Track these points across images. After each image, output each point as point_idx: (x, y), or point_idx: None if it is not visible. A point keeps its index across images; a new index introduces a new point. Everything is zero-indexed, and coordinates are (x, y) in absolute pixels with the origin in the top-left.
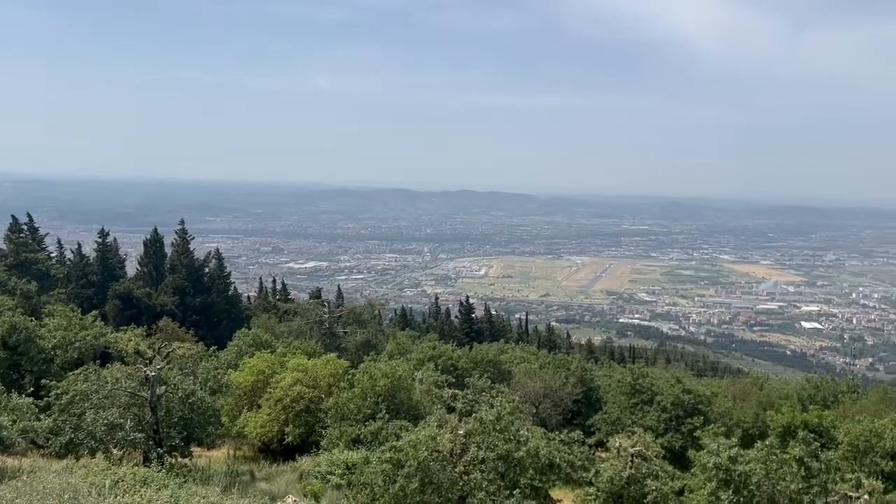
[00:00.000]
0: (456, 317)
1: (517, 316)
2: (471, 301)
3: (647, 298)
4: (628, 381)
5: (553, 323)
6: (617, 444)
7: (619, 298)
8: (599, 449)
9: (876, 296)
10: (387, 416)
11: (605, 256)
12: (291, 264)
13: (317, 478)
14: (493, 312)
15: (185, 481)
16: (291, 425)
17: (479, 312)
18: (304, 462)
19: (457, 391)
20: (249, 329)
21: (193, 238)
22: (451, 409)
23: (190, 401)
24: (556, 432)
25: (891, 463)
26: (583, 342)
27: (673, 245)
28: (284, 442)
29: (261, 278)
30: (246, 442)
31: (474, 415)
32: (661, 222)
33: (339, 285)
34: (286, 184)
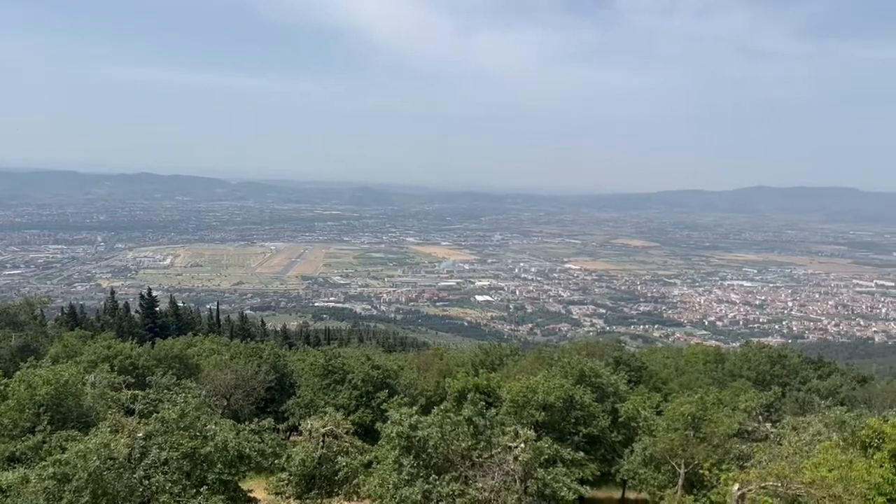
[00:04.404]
0: (137, 311)
1: (208, 306)
2: (154, 293)
3: (342, 281)
4: (321, 363)
5: (248, 311)
6: (309, 426)
7: (315, 283)
8: (294, 433)
9: (533, 269)
10: (50, 427)
11: (300, 242)
12: None
13: None
14: (181, 304)
15: None
16: None
17: (164, 305)
18: None
19: (137, 392)
20: None
21: None
22: (129, 412)
23: None
24: (248, 422)
25: (543, 413)
26: (278, 328)
27: (364, 229)
28: None
29: None
30: None
31: (156, 415)
32: (352, 207)
33: None
34: None
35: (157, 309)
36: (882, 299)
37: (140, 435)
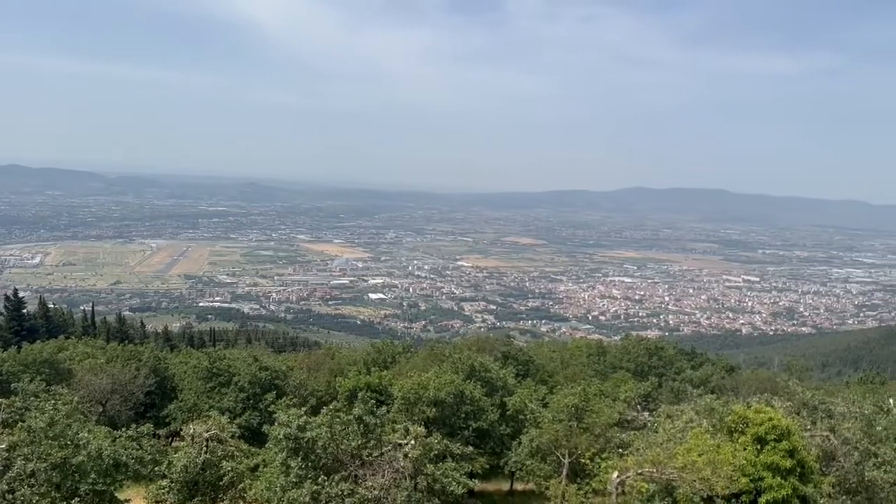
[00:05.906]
0: (1, 314)
1: (82, 308)
2: (21, 294)
3: (228, 280)
4: (205, 366)
5: (126, 312)
6: (191, 430)
7: (199, 282)
8: (176, 439)
9: (427, 267)
10: None
11: (183, 239)
12: None
13: None
14: (52, 305)
15: None
16: None
17: (32, 307)
18: None
19: (0, 400)
20: None
21: None
22: None
23: None
24: (126, 429)
25: (434, 409)
26: (159, 330)
27: (252, 226)
28: None
29: None
30: None
31: (21, 424)
32: (239, 204)
33: None
34: None
35: (25, 311)
36: (748, 293)
37: (3, 446)
